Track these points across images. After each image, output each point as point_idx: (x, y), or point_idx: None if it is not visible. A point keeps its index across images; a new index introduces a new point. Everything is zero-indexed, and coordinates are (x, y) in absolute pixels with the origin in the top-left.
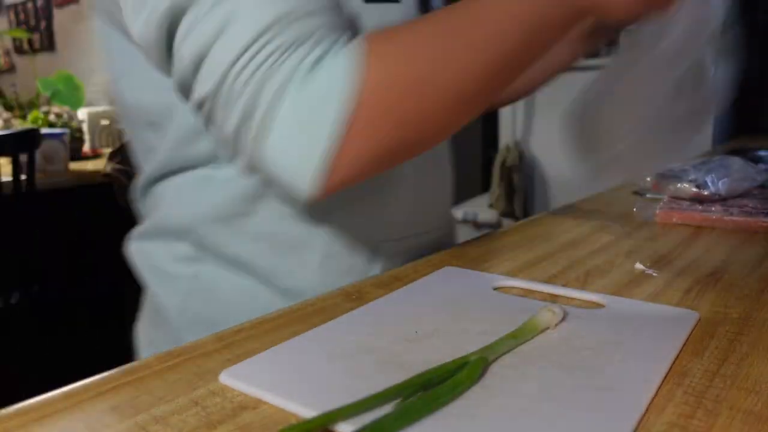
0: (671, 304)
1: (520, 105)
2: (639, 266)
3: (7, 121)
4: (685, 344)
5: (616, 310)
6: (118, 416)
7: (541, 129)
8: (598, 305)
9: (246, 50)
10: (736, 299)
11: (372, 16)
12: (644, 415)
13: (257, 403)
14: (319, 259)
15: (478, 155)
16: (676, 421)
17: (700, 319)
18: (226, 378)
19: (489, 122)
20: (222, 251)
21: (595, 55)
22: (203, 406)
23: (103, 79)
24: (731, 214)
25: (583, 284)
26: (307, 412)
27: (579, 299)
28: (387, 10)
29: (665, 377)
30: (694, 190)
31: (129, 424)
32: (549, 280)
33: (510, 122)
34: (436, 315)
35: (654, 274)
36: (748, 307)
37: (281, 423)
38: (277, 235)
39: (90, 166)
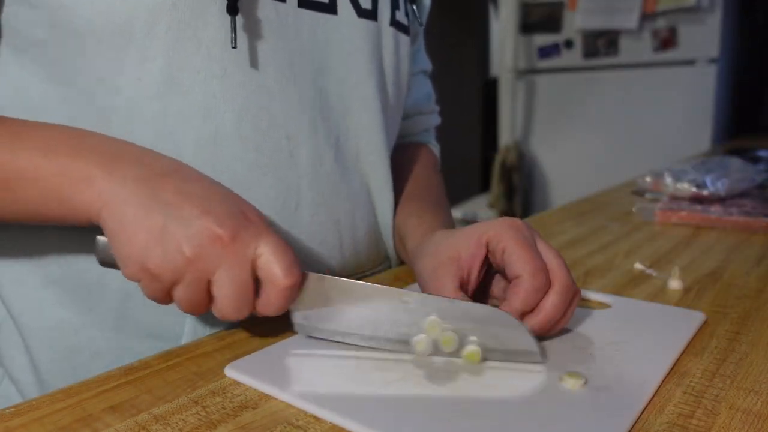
0: (671, 303)
1: (519, 105)
2: (638, 266)
3: None
4: (688, 344)
5: (622, 310)
6: (118, 415)
7: (541, 129)
8: (605, 305)
9: None
10: (736, 299)
11: (305, 23)
12: (643, 414)
13: (257, 403)
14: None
15: (478, 155)
16: (675, 421)
17: (708, 320)
18: (230, 371)
19: (489, 122)
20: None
21: (594, 54)
22: (203, 406)
23: None
24: (730, 214)
25: (582, 284)
26: (310, 407)
27: (585, 299)
28: (325, 20)
29: (665, 377)
30: (694, 190)
31: (129, 424)
32: None
33: (510, 122)
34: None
35: (653, 274)
36: (747, 306)
37: (281, 422)
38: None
39: None
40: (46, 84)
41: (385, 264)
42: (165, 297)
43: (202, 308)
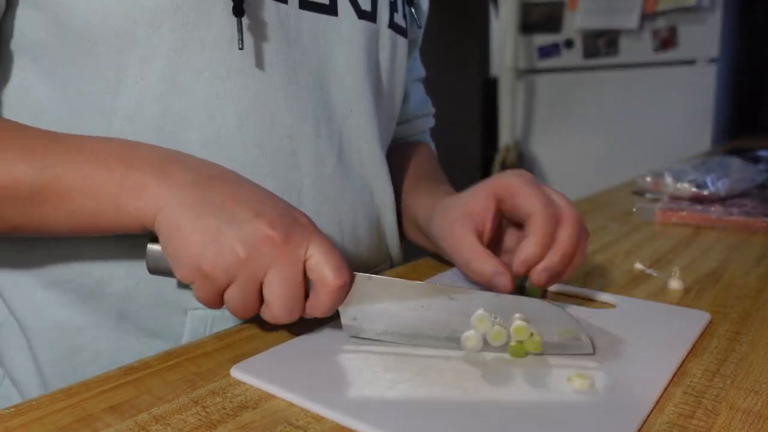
0: (671, 303)
1: (519, 105)
2: (639, 266)
3: None
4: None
5: (627, 310)
6: (118, 416)
7: (541, 129)
8: (609, 305)
9: None
10: (736, 299)
11: (306, 25)
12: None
13: (257, 403)
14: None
15: (478, 155)
16: (676, 421)
17: (711, 321)
18: (236, 372)
19: (489, 122)
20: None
21: (595, 54)
22: (203, 406)
23: None
24: (731, 214)
25: (583, 284)
26: (318, 408)
27: (589, 298)
28: (325, 22)
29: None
30: (694, 190)
31: (129, 424)
32: None
33: (510, 122)
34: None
35: (654, 274)
36: (747, 306)
37: (281, 422)
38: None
39: None
40: (45, 84)
41: (386, 263)
42: (217, 299)
43: (253, 311)
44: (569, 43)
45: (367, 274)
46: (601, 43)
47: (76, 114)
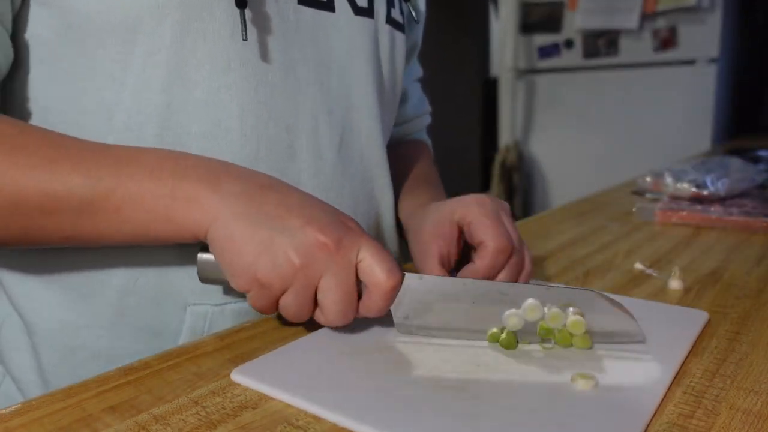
0: (671, 303)
1: (519, 105)
2: (639, 266)
3: None
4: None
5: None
6: (118, 415)
7: (541, 129)
8: None
9: None
10: (736, 299)
11: (305, 20)
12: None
13: (257, 403)
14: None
15: (478, 155)
16: (675, 421)
17: (710, 320)
18: (236, 376)
19: (489, 122)
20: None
21: (595, 54)
22: (203, 406)
23: None
24: (731, 214)
25: (582, 284)
26: (322, 412)
27: None
28: (324, 18)
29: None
30: (694, 190)
31: (129, 424)
32: (548, 280)
33: (510, 122)
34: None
35: (654, 274)
36: (747, 306)
37: (281, 422)
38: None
39: None
40: (51, 80)
41: None
42: (272, 306)
43: (307, 315)
44: (569, 43)
45: (418, 274)
46: (601, 43)
47: (81, 109)
